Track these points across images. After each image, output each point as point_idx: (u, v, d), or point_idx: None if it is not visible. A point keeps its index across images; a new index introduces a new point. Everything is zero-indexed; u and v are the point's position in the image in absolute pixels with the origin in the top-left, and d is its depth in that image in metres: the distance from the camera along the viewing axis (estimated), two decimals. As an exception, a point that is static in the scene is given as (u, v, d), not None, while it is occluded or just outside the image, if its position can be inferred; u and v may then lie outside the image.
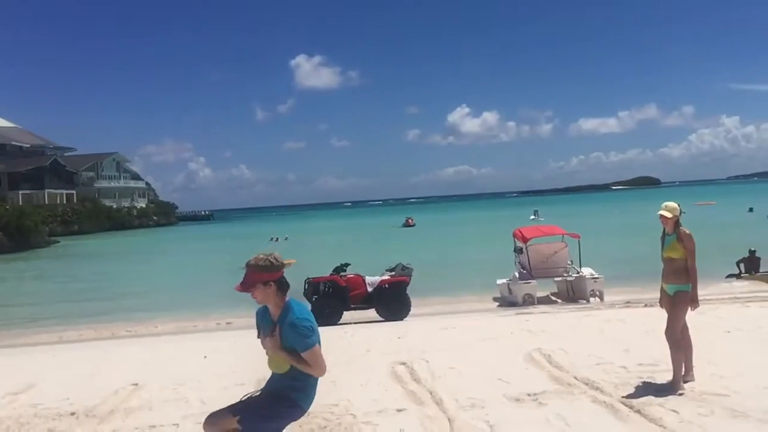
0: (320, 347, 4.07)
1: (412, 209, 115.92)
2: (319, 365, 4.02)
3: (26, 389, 8.28)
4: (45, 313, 20.58)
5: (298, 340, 3.98)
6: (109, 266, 39.37)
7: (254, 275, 4.07)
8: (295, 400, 4.08)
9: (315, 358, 3.99)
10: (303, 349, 3.97)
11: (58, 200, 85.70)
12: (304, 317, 4.03)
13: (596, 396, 6.46)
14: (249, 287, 4.09)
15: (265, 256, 4.11)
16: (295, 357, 4.01)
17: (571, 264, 17.21)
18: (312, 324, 4.04)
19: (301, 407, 4.12)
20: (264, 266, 4.07)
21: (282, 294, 4.11)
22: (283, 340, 4.06)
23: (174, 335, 14.53)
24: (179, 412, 6.86)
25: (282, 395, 4.06)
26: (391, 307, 14.63)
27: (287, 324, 4.02)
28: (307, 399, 4.14)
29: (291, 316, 4.02)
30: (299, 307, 4.10)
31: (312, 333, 4.01)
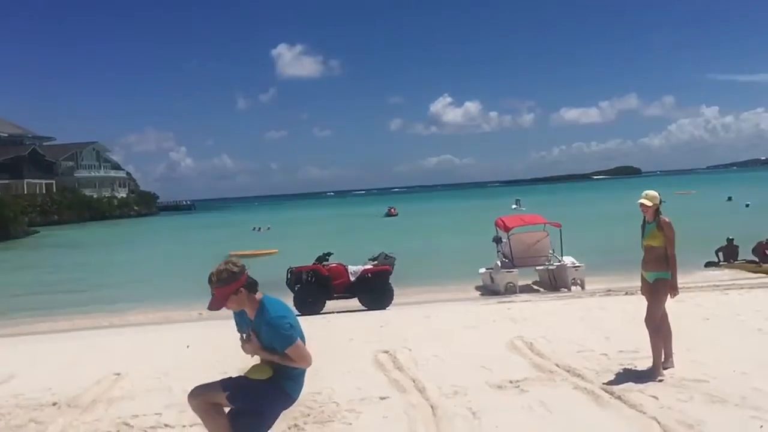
0: (303, 340, 4.02)
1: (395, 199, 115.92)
2: (303, 358, 3.98)
3: (7, 380, 8.22)
4: (25, 304, 20.38)
5: (278, 338, 3.93)
6: (89, 257, 39.01)
7: (221, 291, 3.96)
8: (284, 389, 4.05)
9: (298, 353, 3.95)
10: (285, 346, 3.92)
11: (37, 190, 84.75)
12: (280, 315, 3.96)
13: (577, 383, 6.53)
14: (222, 303, 3.99)
15: (223, 267, 3.98)
16: (278, 355, 3.97)
17: (553, 253, 17.34)
18: (289, 320, 3.97)
19: (291, 396, 4.10)
20: (227, 278, 3.95)
21: (253, 294, 4.02)
22: (262, 340, 4.01)
23: (156, 325, 14.47)
24: (162, 401, 6.84)
25: (280, 386, 4.02)
26: (374, 296, 14.65)
27: (264, 324, 3.96)
28: (297, 387, 4.12)
29: (267, 315, 3.95)
30: (273, 305, 4.02)
31: (290, 328, 3.94)
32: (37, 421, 6.43)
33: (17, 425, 6.33)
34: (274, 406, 4.08)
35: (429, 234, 39.97)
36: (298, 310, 14.27)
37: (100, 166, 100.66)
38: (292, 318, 4.02)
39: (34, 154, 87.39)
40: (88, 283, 25.09)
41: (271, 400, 4.04)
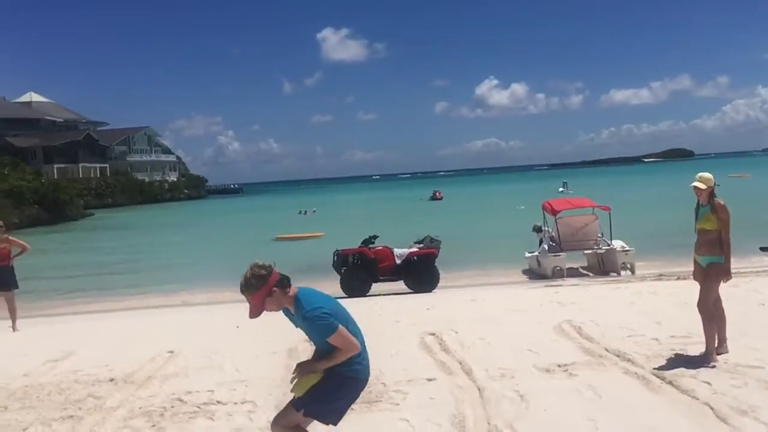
0: (349, 324, 3.95)
1: (440, 183, 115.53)
2: (348, 345, 3.89)
3: (66, 356, 8.53)
4: (82, 284, 21.05)
5: (318, 330, 3.87)
6: (142, 238, 40.01)
7: (255, 297, 3.87)
8: (349, 375, 3.96)
9: (342, 340, 3.86)
10: (327, 335, 3.84)
11: (91, 174, 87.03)
12: (314, 307, 3.86)
13: (627, 367, 6.45)
14: (260, 308, 3.92)
15: (250, 273, 3.87)
16: (324, 359, 3.90)
17: (602, 237, 17.05)
18: (324, 309, 3.87)
19: (360, 378, 4.02)
20: (257, 283, 3.85)
21: (287, 290, 3.91)
22: (307, 334, 4.00)
23: (206, 305, 14.78)
24: (214, 378, 7.03)
25: (340, 373, 3.93)
26: (420, 279, 14.67)
27: (302, 320, 3.91)
28: (362, 369, 4.02)
29: (302, 311, 3.88)
30: (306, 298, 3.92)
31: (328, 317, 3.85)
32: (96, 396, 6.68)
33: (76, 400, 6.58)
34: (348, 395, 4.02)
35: (474, 217, 39.75)
36: (345, 292, 14.41)
37: (152, 150, 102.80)
38: (327, 306, 3.92)
39: (89, 138, 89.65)
40: (141, 265, 25.75)
41: (342, 392, 3.98)
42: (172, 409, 6.10)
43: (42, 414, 6.18)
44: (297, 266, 21.44)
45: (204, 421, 5.76)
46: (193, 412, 6.00)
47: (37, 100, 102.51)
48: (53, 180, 66.31)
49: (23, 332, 11.17)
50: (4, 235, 11.56)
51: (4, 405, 6.53)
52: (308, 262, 21.45)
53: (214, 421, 5.77)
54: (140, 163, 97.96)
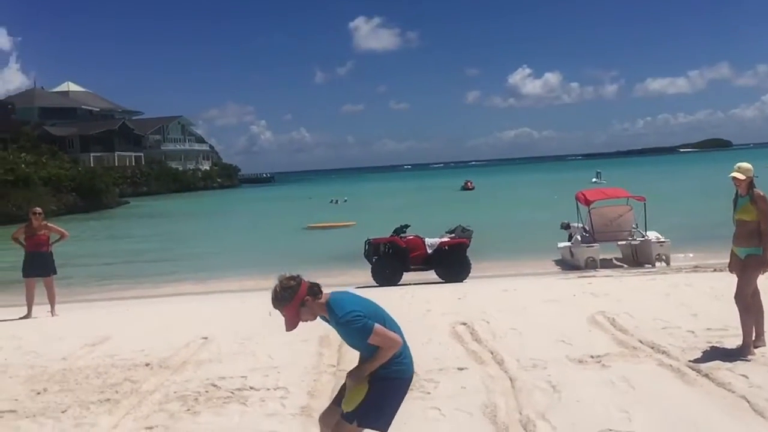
0: (385, 322, 3.91)
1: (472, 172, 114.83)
2: (388, 342, 3.84)
3: (103, 341, 8.71)
4: (117, 271, 21.42)
5: (355, 334, 3.83)
6: (176, 226, 40.55)
7: (288, 309, 3.82)
8: (395, 376, 3.92)
9: (381, 338, 3.81)
10: (365, 337, 3.80)
11: (127, 162, 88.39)
12: (346, 312, 3.81)
13: (662, 360, 6.37)
14: (296, 320, 3.87)
15: (279, 287, 3.83)
16: (370, 361, 3.85)
17: (636, 228, 16.81)
18: (356, 312, 3.82)
19: (405, 378, 3.99)
20: (288, 295, 3.80)
21: (319, 298, 3.86)
22: (345, 339, 3.99)
23: (239, 293, 14.93)
24: (247, 365, 7.12)
25: (385, 377, 3.88)
26: (451, 268, 14.62)
27: (336, 326, 3.88)
28: (406, 367, 3.98)
29: (335, 318, 3.83)
30: (337, 304, 3.87)
31: (362, 318, 3.80)
32: (132, 380, 6.81)
33: (113, 383, 6.72)
34: (397, 398, 3.98)
35: (506, 208, 39.48)
36: (376, 281, 14.44)
37: (185, 139, 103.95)
38: (360, 307, 3.87)
39: (124, 127, 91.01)
40: (175, 253, 26.10)
41: (390, 397, 3.94)
42: (206, 393, 6.19)
43: (80, 397, 6.32)
44: (328, 255, 21.59)
45: (237, 406, 5.84)
46: (227, 397, 6.09)
47: (74, 89, 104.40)
48: (90, 168, 67.50)
49: (61, 317, 11.42)
50: (43, 221, 11.82)
51: (44, 387, 6.70)
52: (339, 251, 21.56)
53: (247, 406, 5.85)
54: (174, 151, 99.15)
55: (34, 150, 59.64)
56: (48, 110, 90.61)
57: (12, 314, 11.72)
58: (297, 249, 23.98)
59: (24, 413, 5.92)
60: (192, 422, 5.50)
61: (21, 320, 11.23)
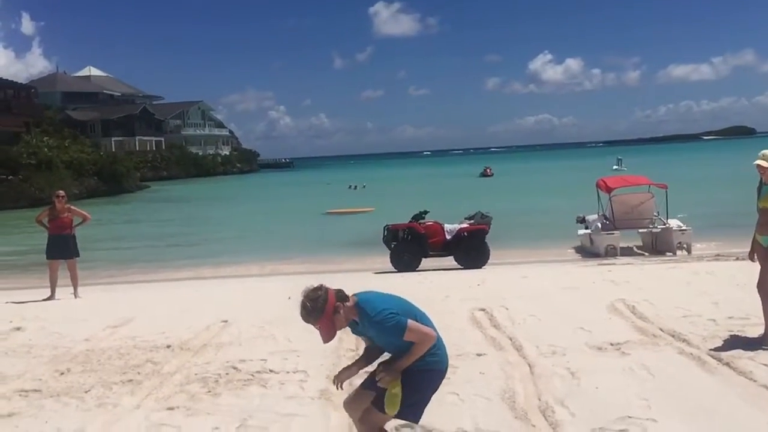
0: (416, 317, 3.89)
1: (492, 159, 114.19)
2: (424, 336, 3.83)
3: (125, 323, 8.82)
4: (138, 254, 21.66)
5: (390, 332, 3.79)
6: (196, 211, 40.85)
7: (323, 321, 3.78)
8: (430, 367, 3.93)
9: (416, 334, 3.80)
10: (401, 334, 3.77)
11: (147, 147, 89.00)
12: (378, 310, 3.79)
13: (683, 348, 6.33)
14: (332, 330, 3.83)
15: (308, 301, 3.78)
16: (404, 356, 3.82)
17: (657, 215, 16.66)
18: (389, 309, 3.80)
19: (441, 369, 4.00)
20: (320, 306, 3.76)
21: (347, 302, 3.83)
22: (377, 341, 3.93)
23: (258, 277, 15.05)
24: (267, 348, 7.18)
25: (420, 370, 3.88)
26: (470, 255, 14.61)
27: (370, 327, 3.83)
28: (440, 359, 3.98)
29: (367, 318, 3.80)
30: (368, 304, 3.84)
31: (395, 315, 3.78)
32: (154, 361, 6.90)
33: (135, 364, 6.81)
34: (431, 389, 3.99)
35: (526, 194, 39.27)
36: (394, 267, 14.47)
37: (205, 124, 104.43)
38: (391, 304, 3.86)
39: (145, 112, 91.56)
40: (195, 237, 26.33)
41: (426, 388, 3.95)
42: (226, 376, 6.26)
43: (103, 377, 6.42)
44: (347, 240, 21.66)
45: (257, 389, 5.90)
46: (247, 379, 6.15)
47: (96, 74, 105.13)
48: (111, 152, 68.18)
49: (84, 299, 11.59)
50: (66, 204, 11.96)
51: (67, 368, 6.80)
52: (358, 236, 21.62)
53: (267, 389, 5.90)
54: (194, 136, 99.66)
55: (56, 134, 60.23)
56: (70, 95, 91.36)
57: (36, 296, 11.91)
58: (316, 234, 24.07)
59: (48, 392, 6.02)
60: (212, 404, 5.56)
61: (45, 302, 11.40)
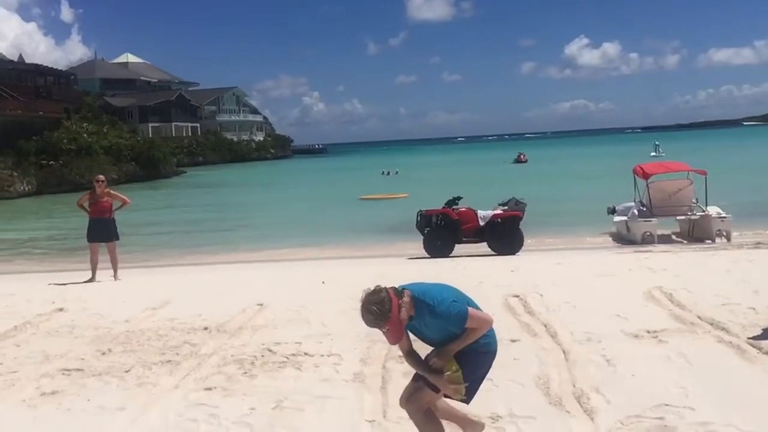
0: (471, 303, 3.86)
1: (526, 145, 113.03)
2: (483, 322, 3.80)
3: (163, 305, 8.99)
4: (176, 238, 21.99)
5: (454, 321, 3.75)
6: (231, 196, 41.29)
7: (391, 322, 3.69)
8: (488, 350, 3.93)
9: (478, 320, 3.77)
10: (463, 323, 3.74)
11: (183, 133, 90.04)
12: (439, 299, 3.74)
13: (721, 336, 6.24)
14: (401, 329, 3.74)
15: (372, 305, 3.67)
16: (455, 344, 3.79)
17: (696, 202, 16.35)
18: (449, 298, 3.77)
19: (495, 351, 3.98)
20: (387, 308, 3.66)
21: (405, 298, 3.76)
22: (433, 331, 3.82)
23: (293, 262, 15.18)
24: (301, 331, 7.26)
25: (476, 352, 3.86)
26: (504, 241, 14.51)
27: (431, 318, 3.75)
28: (494, 339, 3.98)
29: (429, 309, 3.73)
30: (427, 295, 3.77)
31: (456, 304, 3.76)
32: (191, 343, 7.03)
33: (174, 346, 6.95)
34: (486, 370, 3.99)
35: (560, 181, 38.84)
36: (427, 253, 14.46)
37: (240, 110, 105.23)
38: (447, 293, 3.83)
39: (181, 98, 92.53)
40: (231, 222, 26.60)
41: (481, 369, 3.94)
42: (262, 358, 6.35)
43: (142, 357, 6.57)
44: (381, 226, 21.69)
45: (292, 371, 5.97)
46: (282, 362, 6.23)
47: (133, 60, 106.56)
48: (148, 138, 69.04)
49: (123, 281, 11.83)
50: (106, 189, 12.20)
51: (108, 348, 6.97)
52: (392, 222, 21.65)
53: (302, 371, 5.97)
54: (229, 122, 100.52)
55: (95, 120, 61.18)
56: (108, 81, 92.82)
57: (77, 278, 12.20)
58: (350, 220, 24.15)
59: (90, 372, 6.18)
60: (249, 385, 5.66)
61: (86, 284, 11.68)
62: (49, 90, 59.45)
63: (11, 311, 9.01)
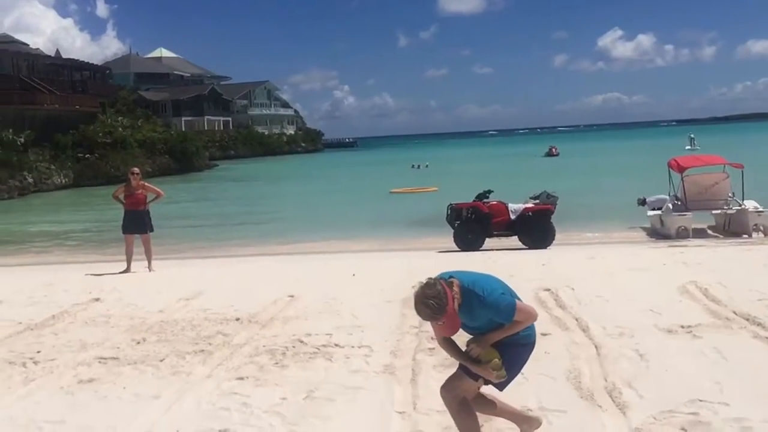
0: (515, 296, 3.83)
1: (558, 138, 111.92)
2: (529, 317, 3.78)
3: (196, 296, 9.12)
4: (209, 231, 22.27)
5: (502, 313, 3.71)
6: (263, 189, 41.61)
7: (448, 315, 3.64)
8: (528, 342, 3.93)
9: (524, 313, 3.76)
10: (512, 314, 3.71)
11: (215, 127, 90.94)
12: (489, 291, 3.71)
13: (757, 332, 6.14)
14: (456, 321, 3.70)
15: (433, 299, 3.59)
16: (496, 333, 3.76)
17: (733, 196, 16.04)
18: (498, 290, 3.75)
19: (534, 343, 3.99)
20: (444, 300, 3.61)
21: (455, 288, 3.72)
22: (478, 320, 3.77)
23: (324, 254, 15.25)
24: (332, 323, 7.31)
25: (517, 342, 3.85)
26: (535, 235, 14.42)
27: (479, 308, 3.70)
28: (534, 333, 3.97)
29: (478, 300, 3.69)
30: (475, 285, 3.73)
31: (505, 296, 3.74)
32: (224, 333, 7.13)
33: (207, 336, 7.05)
34: (524, 361, 3.98)
35: (593, 174, 38.37)
36: (458, 246, 14.43)
37: (271, 104, 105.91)
38: (497, 284, 3.82)
39: (213, 93, 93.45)
40: (262, 215, 26.78)
41: (521, 360, 3.94)
42: (293, 348, 6.41)
43: (176, 347, 6.67)
44: (411, 219, 21.69)
45: (323, 362, 6.02)
46: (313, 352, 6.28)
47: (167, 55, 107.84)
48: (181, 132, 69.88)
49: (158, 272, 12.02)
50: (141, 181, 12.39)
51: (143, 337, 7.10)
52: (422, 215, 21.63)
53: (332, 362, 6.02)
54: (260, 116, 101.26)
55: (129, 114, 62.11)
56: (142, 75, 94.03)
57: (113, 268, 12.42)
58: (380, 213, 24.18)
59: (126, 360, 6.31)
60: (280, 375, 5.72)
61: (121, 274, 11.89)
62: (85, 84, 60.45)
63: (49, 300, 9.22)
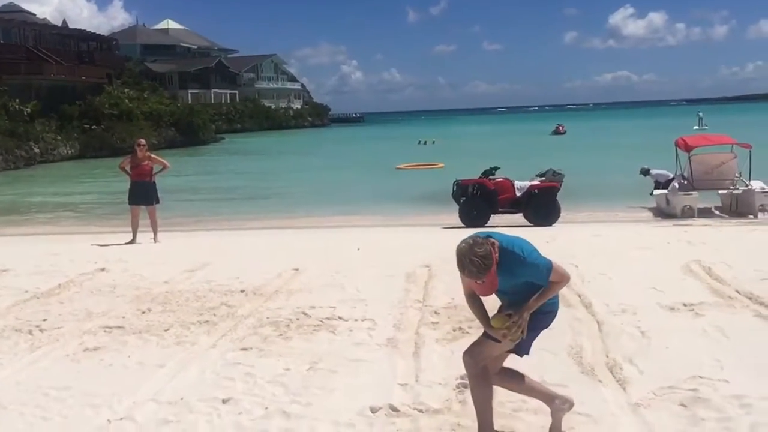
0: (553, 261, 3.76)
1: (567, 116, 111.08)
2: (564, 278, 3.73)
3: (201, 267, 9.18)
4: (215, 204, 22.31)
5: (541, 273, 3.65)
6: (269, 163, 41.52)
7: (491, 274, 3.56)
8: (553, 309, 3.91)
9: (560, 274, 3.70)
10: (549, 274, 3.65)
11: (222, 100, 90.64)
12: (528, 251, 3.65)
13: (760, 311, 6.16)
14: (495, 281, 3.62)
15: (480, 258, 3.49)
16: (538, 299, 3.71)
17: (740, 176, 15.97)
18: (534, 250, 3.70)
19: (556, 311, 3.96)
20: (490, 261, 3.52)
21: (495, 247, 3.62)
22: (512, 282, 3.69)
23: (329, 228, 15.29)
24: (336, 296, 7.35)
25: (541, 309, 3.79)
26: (540, 212, 14.41)
27: (518, 267, 3.62)
28: (558, 300, 3.96)
29: (518, 260, 3.61)
30: (515, 246, 3.65)
31: (542, 256, 3.69)
32: (228, 304, 7.18)
33: (211, 307, 7.11)
34: (544, 326, 3.94)
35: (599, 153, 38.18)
36: (463, 222, 14.43)
37: (278, 78, 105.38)
38: (531, 245, 3.74)
39: (220, 65, 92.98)
40: (268, 189, 26.81)
41: (542, 327, 3.91)
42: (297, 321, 6.46)
43: (181, 317, 6.73)
44: (417, 195, 21.69)
45: (326, 334, 6.07)
46: (317, 325, 6.33)
47: (173, 27, 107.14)
48: (188, 104, 69.73)
49: (163, 244, 12.09)
50: (147, 153, 12.41)
51: (148, 307, 7.16)
52: (427, 191, 21.60)
53: (336, 335, 6.07)
54: (267, 90, 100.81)
55: (136, 86, 61.98)
56: (149, 47, 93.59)
57: (119, 239, 12.49)
58: (386, 189, 24.16)
59: (131, 330, 6.37)
60: (284, 346, 5.77)
61: (127, 245, 11.96)
62: (92, 55, 60.25)
63: (55, 270, 9.29)
